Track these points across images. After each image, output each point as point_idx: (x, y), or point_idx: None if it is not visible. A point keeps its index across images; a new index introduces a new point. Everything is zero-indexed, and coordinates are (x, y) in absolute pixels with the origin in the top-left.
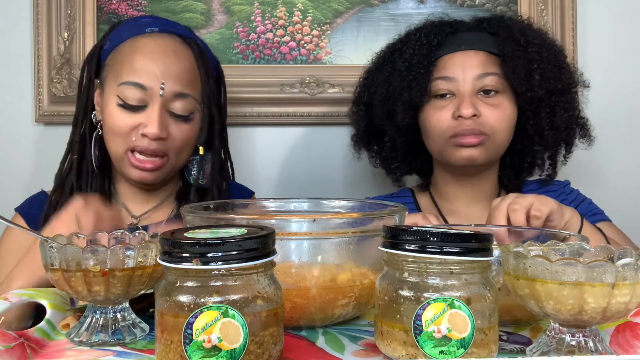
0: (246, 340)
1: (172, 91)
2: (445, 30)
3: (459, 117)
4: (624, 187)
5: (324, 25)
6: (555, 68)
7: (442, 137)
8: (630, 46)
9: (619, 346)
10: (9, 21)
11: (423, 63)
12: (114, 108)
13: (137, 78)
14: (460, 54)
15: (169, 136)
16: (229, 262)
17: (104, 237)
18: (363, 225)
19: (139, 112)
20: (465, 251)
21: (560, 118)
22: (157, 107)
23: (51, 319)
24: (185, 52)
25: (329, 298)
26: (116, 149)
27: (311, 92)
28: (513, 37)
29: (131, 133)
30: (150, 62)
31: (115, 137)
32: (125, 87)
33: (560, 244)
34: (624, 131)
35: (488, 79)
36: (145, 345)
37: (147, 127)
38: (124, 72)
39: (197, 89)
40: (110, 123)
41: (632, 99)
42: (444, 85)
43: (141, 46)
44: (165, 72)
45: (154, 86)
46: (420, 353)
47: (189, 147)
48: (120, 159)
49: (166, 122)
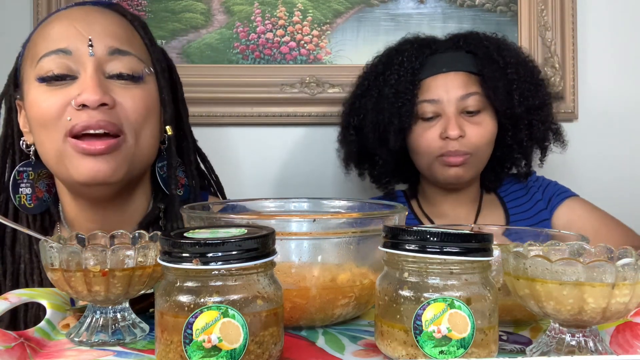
0: (246, 340)
1: (104, 47)
2: (425, 52)
3: (446, 138)
4: (624, 187)
5: (324, 25)
6: (532, 86)
7: (430, 156)
8: (631, 46)
9: (619, 346)
10: (9, 21)
11: (409, 88)
12: (35, 93)
13: (57, 45)
14: (442, 76)
15: (116, 104)
16: (229, 262)
17: (104, 237)
18: (363, 225)
19: (68, 86)
20: (465, 251)
21: (537, 130)
22: (90, 70)
23: (51, 319)
24: (113, 13)
25: (329, 298)
26: (50, 145)
27: (311, 92)
28: (491, 58)
29: (64, 112)
30: (68, 25)
31: (44, 129)
32: (45, 61)
33: (560, 244)
34: (624, 131)
35: (470, 99)
36: (145, 345)
37: (82, 95)
38: (40, 48)
39: (140, 50)
40: (36, 113)
41: (632, 99)
42: (430, 108)
43: (54, 18)
44: (90, 29)
45: (80, 47)
46: (420, 353)
47: (150, 123)
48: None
49: (107, 87)
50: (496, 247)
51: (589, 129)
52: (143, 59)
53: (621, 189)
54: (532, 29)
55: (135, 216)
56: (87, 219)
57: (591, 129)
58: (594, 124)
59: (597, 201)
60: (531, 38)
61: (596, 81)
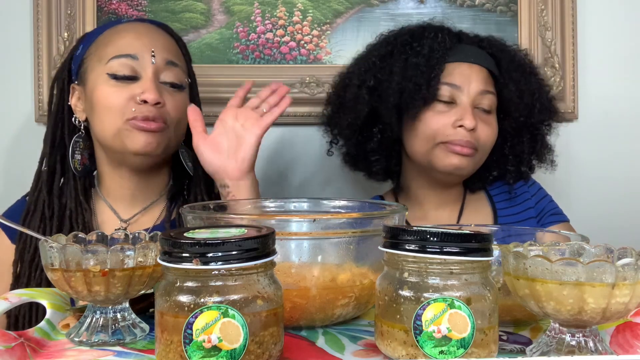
0: (246, 340)
1: (163, 58)
2: (454, 38)
3: (459, 127)
4: (624, 187)
5: (324, 25)
6: (549, 100)
7: (432, 142)
8: (631, 46)
9: (619, 346)
10: (9, 21)
11: (437, 64)
12: (105, 85)
13: (126, 51)
14: (467, 66)
15: (164, 105)
16: (229, 262)
17: (104, 237)
18: (363, 225)
19: (132, 84)
20: (465, 251)
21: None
22: (150, 75)
23: (51, 319)
24: (165, 33)
25: (329, 298)
26: (112, 125)
27: (311, 92)
28: (518, 64)
29: (128, 104)
30: (136, 37)
31: (110, 113)
32: (116, 61)
33: (560, 244)
34: (624, 131)
35: (487, 97)
36: (145, 345)
37: (144, 93)
38: (110, 50)
39: (183, 64)
40: (104, 99)
41: (632, 99)
42: (449, 92)
43: (122, 28)
44: (152, 43)
45: (145, 55)
46: (420, 353)
47: (184, 120)
48: (118, 133)
49: (160, 90)
50: (496, 247)
51: (589, 129)
52: (184, 71)
53: (621, 189)
54: (532, 29)
55: (159, 188)
56: (121, 185)
57: (591, 129)
58: (594, 124)
59: (597, 201)
60: (531, 38)
61: (596, 81)
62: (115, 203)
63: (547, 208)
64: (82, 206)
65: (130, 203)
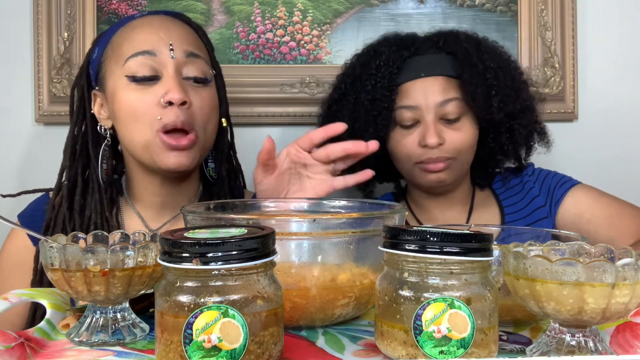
0: (246, 340)
1: (183, 51)
2: (404, 54)
3: (425, 146)
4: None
5: (324, 25)
6: (512, 91)
7: (409, 163)
8: (631, 46)
9: (619, 346)
10: (9, 21)
11: (386, 95)
12: (125, 90)
13: (143, 47)
14: (420, 81)
15: (191, 105)
16: (229, 262)
17: (104, 237)
18: (363, 225)
19: (154, 85)
20: (465, 251)
21: (519, 134)
22: (172, 72)
23: (51, 319)
24: (183, 23)
25: (329, 298)
26: (141, 136)
27: (311, 92)
28: (470, 62)
29: (154, 110)
30: (152, 31)
31: (137, 123)
32: (133, 61)
33: (560, 244)
34: (624, 131)
35: (450, 105)
36: (145, 345)
37: (168, 94)
38: (125, 49)
39: (205, 54)
40: (128, 108)
41: (632, 99)
42: (408, 115)
43: (136, 24)
44: (169, 36)
45: (163, 50)
46: (420, 353)
47: (213, 119)
48: (148, 147)
49: (185, 88)
50: (496, 247)
51: (589, 129)
52: (207, 62)
53: (621, 189)
54: (532, 29)
55: (189, 194)
56: (153, 192)
57: (591, 129)
58: (594, 124)
59: None
60: (531, 38)
61: (596, 81)
62: (144, 210)
63: (552, 184)
64: (108, 223)
65: (160, 210)
